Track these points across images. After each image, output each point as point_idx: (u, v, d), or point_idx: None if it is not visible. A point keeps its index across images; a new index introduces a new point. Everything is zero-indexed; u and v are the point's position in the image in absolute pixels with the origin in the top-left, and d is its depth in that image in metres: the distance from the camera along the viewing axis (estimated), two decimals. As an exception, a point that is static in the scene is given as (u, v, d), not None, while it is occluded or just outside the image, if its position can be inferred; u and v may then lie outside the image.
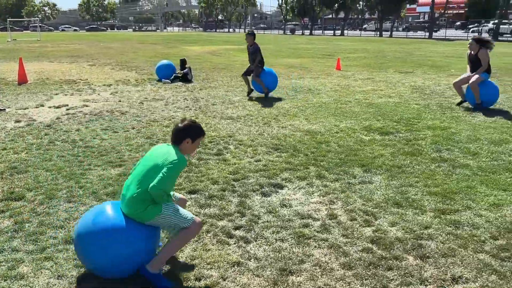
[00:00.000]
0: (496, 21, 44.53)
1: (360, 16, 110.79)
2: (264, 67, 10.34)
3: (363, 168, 5.37)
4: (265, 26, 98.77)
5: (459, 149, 6.13)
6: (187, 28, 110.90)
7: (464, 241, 3.66)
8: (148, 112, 8.58)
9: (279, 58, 22.80)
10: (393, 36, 54.64)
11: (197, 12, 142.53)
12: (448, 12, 74.13)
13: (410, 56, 23.23)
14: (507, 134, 6.92)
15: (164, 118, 8.00)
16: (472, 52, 8.64)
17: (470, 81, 8.54)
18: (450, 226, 3.91)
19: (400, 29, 74.16)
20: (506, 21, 47.35)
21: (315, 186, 4.83)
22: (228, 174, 5.13)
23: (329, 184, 4.89)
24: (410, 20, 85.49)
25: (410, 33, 55.53)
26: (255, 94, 10.68)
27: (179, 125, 3.18)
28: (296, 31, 75.28)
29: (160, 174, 2.97)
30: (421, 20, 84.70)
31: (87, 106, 9.12)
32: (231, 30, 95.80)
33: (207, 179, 4.96)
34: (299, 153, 5.94)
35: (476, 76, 8.50)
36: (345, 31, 63.98)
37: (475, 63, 8.63)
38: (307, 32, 69.65)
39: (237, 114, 8.43)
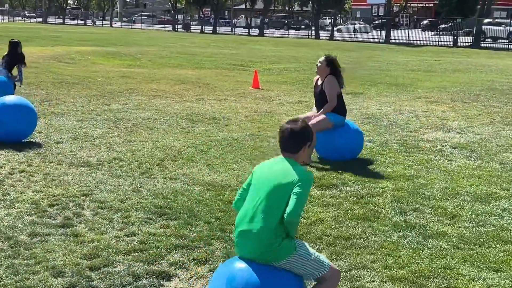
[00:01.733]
0: (476, 19, 48.92)
1: (287, 8, 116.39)
2: None
3: (294, 242, 5.49)
4: (143, 17, 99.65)
5: (432, 209, 6.51)
6: (17, 18, 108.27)
7: None
8: None
9: (165, 67, 23.04)
10: (334, 38, 57.83)
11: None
12: (411, 5, 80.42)
13: (360, 68, 24.64)
14: (497, 185, 7.52)
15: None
16: (319, 81, 8.51)
17: (311, 123, 7.74)
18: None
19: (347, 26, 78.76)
20: (489, 20, 52.33)
21: (221, 274, 4.83)
22: (81, 258, 4.98)
23: (244, 269, 4.92)
24: (358, 15, 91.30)
25: (361, 35, 59.06)
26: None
27: (293, 128, 3.81)
28: (192, 27, 76.80)
29: (294, 198, 3.60)
30: (374, 15, 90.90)
31: None
32: (89, 22, 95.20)
33: (44, 269, 4.76)
34: (197, 220, 5.96)
35: (321, 116, 8.31)
36: (266, 30, 66.48)
37: (322, 98, 8.43)
38: (208, 29, 71.33)
39: (98, 158, 8.32)
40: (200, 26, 72.33)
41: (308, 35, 62.42)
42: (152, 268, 4.87)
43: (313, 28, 63.03)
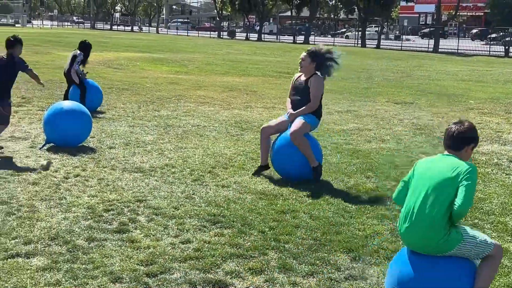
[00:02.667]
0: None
1: (333, 16, 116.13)
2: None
3: (350, 254, 5.43)
4: (189, 23, 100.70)
5: (491, 224, 6.38)
6: (66, 23, 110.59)
7: None
8: (3, 159, 8.36)
9: (212, 74, 23.19)
10: (381, 46, 57.40)
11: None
12: (461, 14, 79.26)
13: (409, 78, 24.44)
14: (557, 201, 7.32)
15: (29, 170, 7.77)
16: (303, 76, 7.89)
17: (291, 131, 7.60)
18: None
19: (392, 36, 78.27)
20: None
21: (278, 285, 4.80)
22: (137, 264, 5.02)
23: (300, 281, 4.89)
24: (405, 23, 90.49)
25: (409, 43, 58.46)
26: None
27: (459, 127, 4.09)
28: (238, 34, 77.22)
29: (463, 190, 3.84)
30: (422, 23, 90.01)
31: None
32: (136, 28, 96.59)
33: (103, 274, 4.81)
34: (251, 229, 5.95)
35: (300, 121, 7.65)
36: (311, 37, 66.45)
37: (303, 94, 7.79)
38: (253, 36, 71.59)
39: (151, 164, 8.40)
40: (245, 33, 72.69)
41: (354, 43, 62.09)
42: (208, 277, 4.88)
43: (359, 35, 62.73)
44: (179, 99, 15.30)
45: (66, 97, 12.21)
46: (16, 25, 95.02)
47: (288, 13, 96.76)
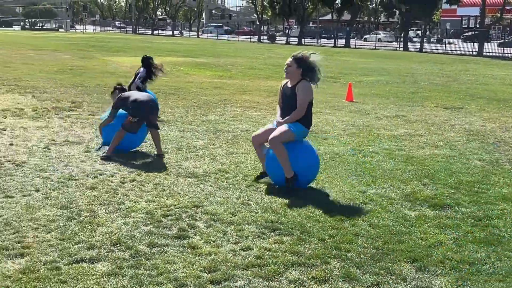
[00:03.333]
0: None
1: (373, 19, 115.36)
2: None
3: (414, 264, 5.34)
4: (228, 28, 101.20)
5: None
6: (108, 28, 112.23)
7: None
8: (59, 163, 8.45)
9: (255, 79, 23.22)
10: (424, 50, 56.75)
11: (123, 4, 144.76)
12: (506, 16, 77.83)
13: (455, 82, 24.10)
14: None
15: (86, 174, 7.86)
16: (289, 84, 7.61)
17: (271, 136, 7.37)
18: None
19: (433, 39, 77.39)
20: None
21: (343, 295, 4.75)
22: (201, 271, 5.00)
23: (366, 291, 4.82)
24: (448, 26, 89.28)
25: (452, 47, 57.71)
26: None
27: None
28: (278, 38, 77.27)
29: None
30: (465, 26, 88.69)
31: (-42, 151, 8.91)
32: (176, 33, 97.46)
33: (167, 281, 4.81)
34: (310, 237, 5.89)
35: (283, 129, 7.37)
36: (352, 40, 66.16)
37: (291, 101, 7.49)
38: (293, 40, 71.53)
39: (204, 169, 8.41)
40: (286, 38, 72.65)
41: (396, 47, 61.55)
42: (272, 285, 4.84)
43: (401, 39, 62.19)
44: (225, 104, 15.33)
45: None
46: (60, 30, 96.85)
47: (328, 17, 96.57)
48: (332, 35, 69.58)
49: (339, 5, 71.99)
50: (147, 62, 12.12)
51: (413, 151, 10.17)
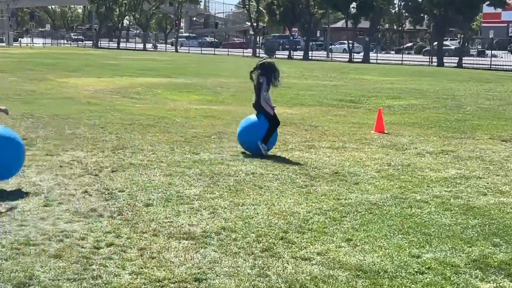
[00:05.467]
0: None
1: (395, 26, 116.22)
2: None
3: None
4: (214, 39, 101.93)
5: None
6: (62, 41, 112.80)
7: None
8: (11, 222, 8.20)
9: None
10: (463, 64, 57.05)
11: (80, 11, 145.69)
12: None
13: (510, 106, 23.97)
14: None
15: (48, 237, 7.56)
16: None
17: None
18: None
19: (473, 51, 77.81)
20: None
21: None
22: None
23: None
24: (491, 35, 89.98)
25: (498, 61, 58.07)
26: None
27: None
28: (277, 52, 77.67)
29: None
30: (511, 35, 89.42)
31: None
32: (148, 46, 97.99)
33: None
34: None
35: None
36: (373, 54, 66.56)
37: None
38: (298, 54, 71.90)
39: (203, 228, 8.15)
40: (288, 51, 73.06)
41: (428, 62, 61.93)
42: None
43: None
44: (220, 138, 15.12)
45: None
46: (0, 44, 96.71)
47: (339, 24, 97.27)
48: (345, 48, 69.93)
49: (355, 10, 72.21)
50: (265, 68, 12.97)
51: (473, 199, 9.92)
